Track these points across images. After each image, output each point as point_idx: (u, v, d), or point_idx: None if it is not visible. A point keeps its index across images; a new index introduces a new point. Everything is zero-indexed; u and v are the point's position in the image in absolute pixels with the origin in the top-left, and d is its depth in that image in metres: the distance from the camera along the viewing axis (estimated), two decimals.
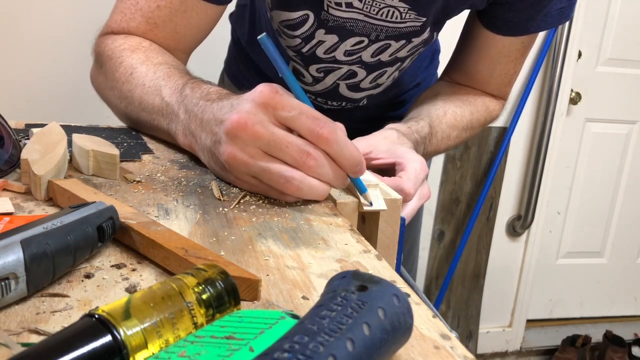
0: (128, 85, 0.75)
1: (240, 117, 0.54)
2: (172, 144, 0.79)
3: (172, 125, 0.70)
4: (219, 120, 0.59)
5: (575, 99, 2.14)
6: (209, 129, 0.61)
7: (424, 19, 0.83)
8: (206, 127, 0.61)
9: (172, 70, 0.74)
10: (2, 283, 0.37)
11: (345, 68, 0.89)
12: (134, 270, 0.45)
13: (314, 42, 0.86)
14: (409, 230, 1.09)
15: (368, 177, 0.63)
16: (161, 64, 0.75)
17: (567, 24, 1.95)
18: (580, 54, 2.09)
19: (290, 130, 0.55)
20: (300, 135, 0.55)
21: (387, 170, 0.72)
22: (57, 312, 0.38)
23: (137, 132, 0.84)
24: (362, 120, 1.01)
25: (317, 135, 0.53)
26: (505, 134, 2.06)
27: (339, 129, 0.55)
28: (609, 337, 2.31)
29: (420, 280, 2.18)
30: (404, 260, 1.10)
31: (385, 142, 0.75)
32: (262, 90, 0.55)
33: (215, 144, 0.59)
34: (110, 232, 0.46)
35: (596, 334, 2.36)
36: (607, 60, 2.14)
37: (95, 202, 0.47)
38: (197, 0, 0.78)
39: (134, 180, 0.64)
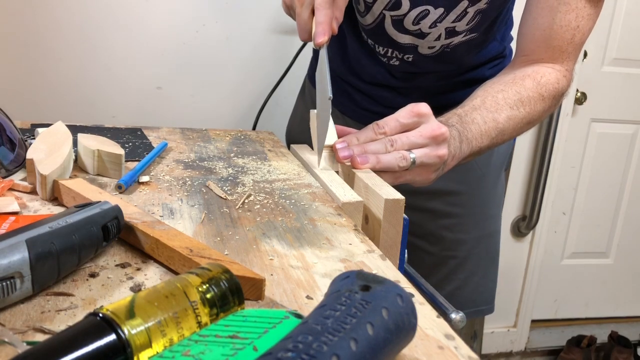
0: None
1: None
2: (176, 143, 0.80)
3: None
4: None
5: (580, 99, 2.13)
6: None
7: None
8: None
9: None
10: (8, 282, 0.37)
11: None
12: (138, 269, 0.45)
13: None
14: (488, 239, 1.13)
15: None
16: None
17: None
18: (585, 54, 2.08)
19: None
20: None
21: None
22: (62, 311, 0.38)
23: (142, 132, 0.85)
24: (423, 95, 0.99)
25: None
26: None
27: None
28: (615, 338, 2.30)
29: None
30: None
31: None
32: None
33: None
34: (115, 232, 0.46)
35: (601, 335, 2.34)
36: (612, 60, 2.13)
37: (100, 201, 0.47)
38: None
39: (139, 180, 0.65)
